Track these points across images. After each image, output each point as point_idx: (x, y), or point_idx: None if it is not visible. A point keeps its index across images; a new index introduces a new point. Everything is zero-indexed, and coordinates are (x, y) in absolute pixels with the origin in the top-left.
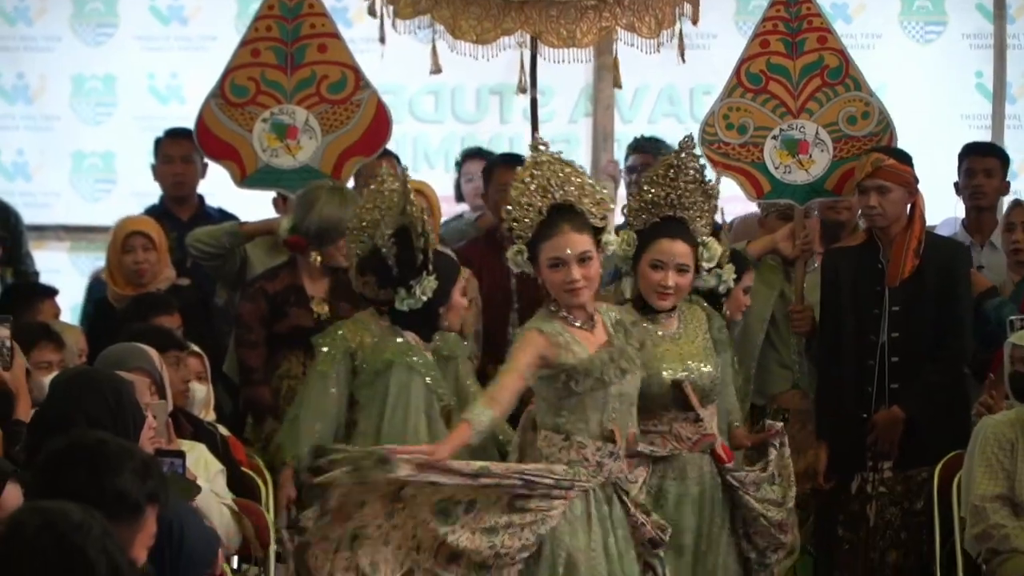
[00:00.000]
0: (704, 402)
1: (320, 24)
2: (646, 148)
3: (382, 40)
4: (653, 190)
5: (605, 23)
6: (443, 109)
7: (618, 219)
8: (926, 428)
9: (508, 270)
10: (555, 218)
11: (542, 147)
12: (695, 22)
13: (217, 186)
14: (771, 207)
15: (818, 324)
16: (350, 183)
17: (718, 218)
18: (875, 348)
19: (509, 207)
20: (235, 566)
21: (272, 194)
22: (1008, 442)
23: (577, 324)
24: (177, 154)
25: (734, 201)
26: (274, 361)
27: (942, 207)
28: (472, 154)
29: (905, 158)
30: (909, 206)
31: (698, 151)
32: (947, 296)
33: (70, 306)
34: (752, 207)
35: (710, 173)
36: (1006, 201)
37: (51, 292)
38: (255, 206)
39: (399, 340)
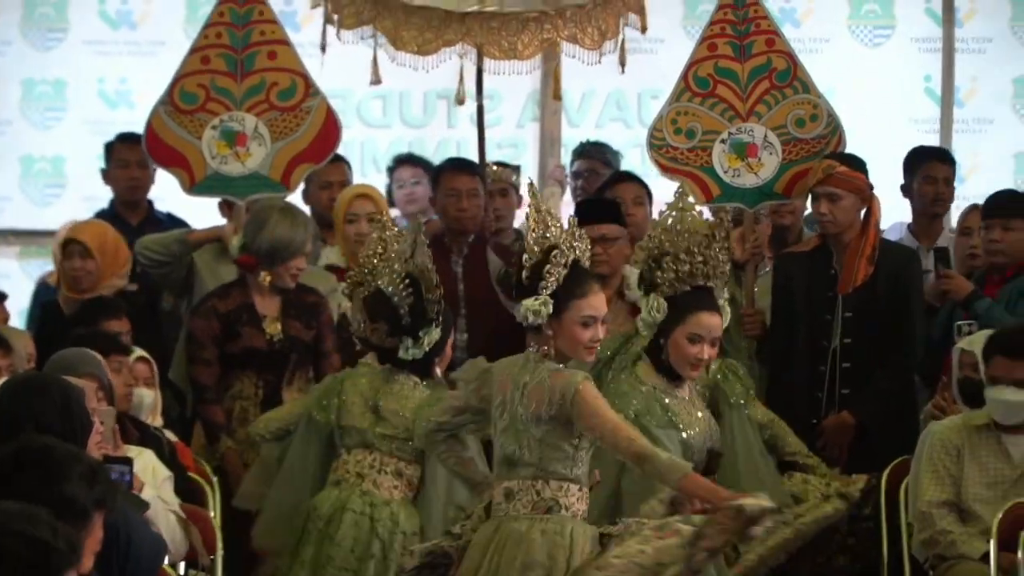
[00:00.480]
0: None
1: (270, 31)
2: (592, 153)
3: (323, 48)
4: (694, 259)
5: (547, 35)
6: (391, 114)
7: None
8: (875, 433)
9: (456, 275)
10: (581, 274)
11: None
12: (643, 31)
13: (165, 191)
14: (720, 211)
15: (769, 329)
16: (299, 189)
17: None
18: (826, 353)
19: (528, 257)
20: (182, 572)
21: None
22: (955, 448)
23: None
24: (132, 159)
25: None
26: (226, 381)
27: (889, 211)
28: (403, 160)
29: (858, 164)
30: (864, 212)
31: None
32: (899, 303)
33: (18, 311)
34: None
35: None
36: (953, 206)
37: None
38: (203, 212)
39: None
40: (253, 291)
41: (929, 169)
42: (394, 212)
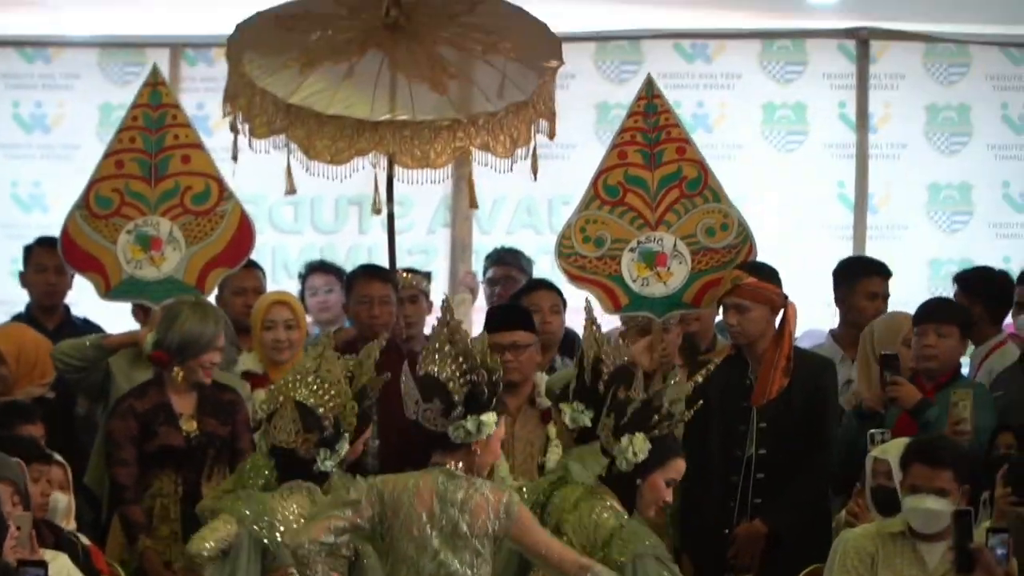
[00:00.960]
0: None
1: (184, 135)
2: (507, 260)
3: (235, 157)
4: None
5: (459, 143)
6: (302, 219)
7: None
8: (789, 542)
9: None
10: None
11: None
12: (551, 137)
13: (81, 296)
14: (629, 320)
15: (682, 437)
16: (213, 295)
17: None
18: (740, 464)
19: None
20: None
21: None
22: (868, 555)
23: None
24: (51, 263)
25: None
26: (144, 480)
27: (804, 317)
28: (315, 267)
29: (768, 275)
30: (779, 322)
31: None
32: (814, 412)
33: None
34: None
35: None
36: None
37: None
38: (117, 317)
39: None
40: (169, 389)
41: (870, 284)
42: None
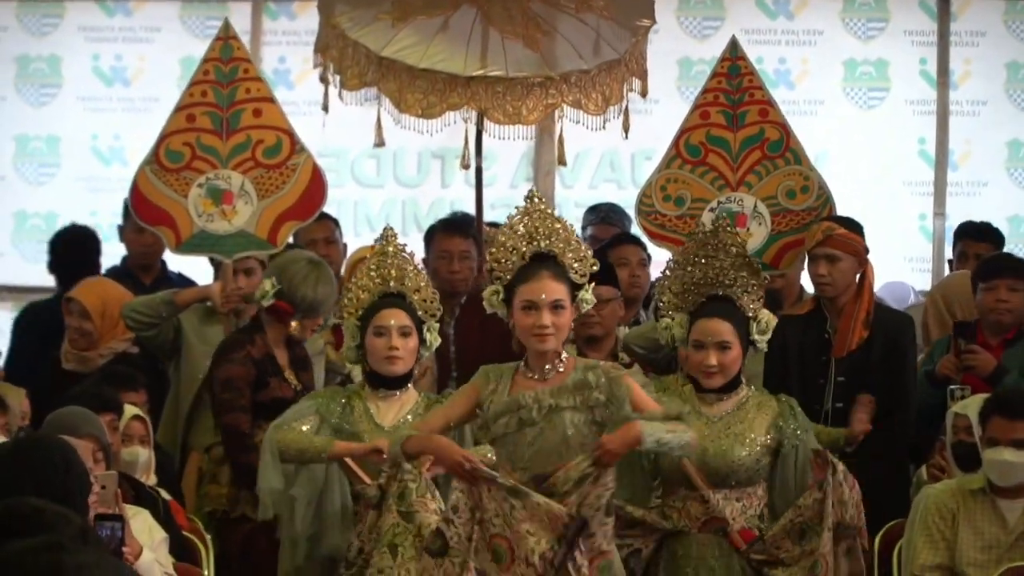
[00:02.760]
0: (721, 485)
1: (255, 88)
2: (611, 219)
3: (325, 108)
4: (693, 271)
5: (551, 100)
6: (385, 173)
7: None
8: (868, 499)
9: (448, 336)
10: (536, 265)
11: (536, 199)
12: (644, 95)
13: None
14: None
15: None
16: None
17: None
18: (818, 417)
19: (494, 249)
20: None
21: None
22: (949, 511)
23: (529, 375)
24: None
25: None
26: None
27: (884, 273)
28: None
29: (856, 227)
30: (859, 276)
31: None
32: (893, 368)
33: None
34: None
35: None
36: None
37: None
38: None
39: None
40: (270, 342)
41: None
42: None
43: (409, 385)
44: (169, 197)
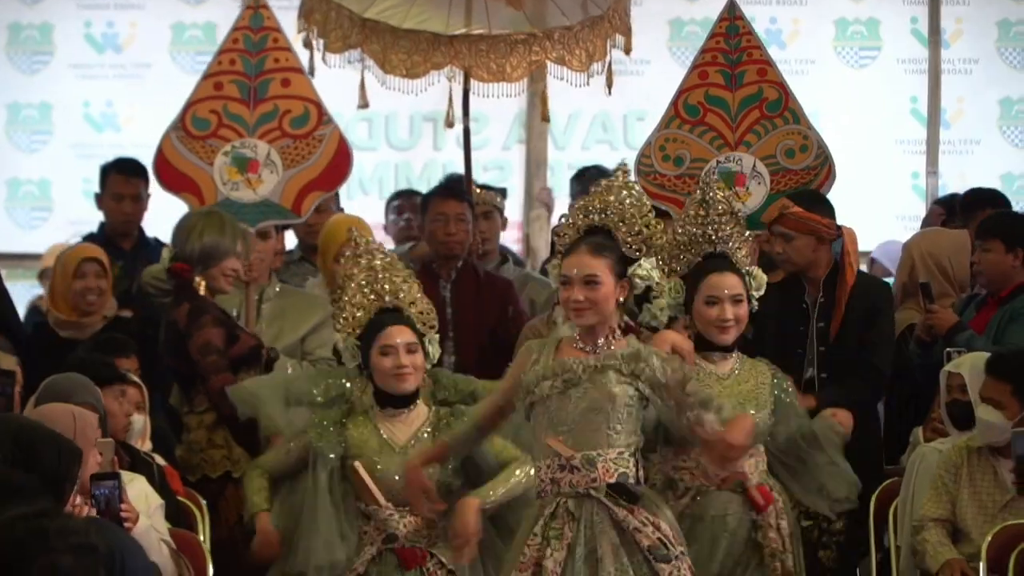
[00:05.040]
0: None
1: (284, 58)
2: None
3: (311, 72)
4: (688, 230)
5: (535, 57)
6: (377, 136)
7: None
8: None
9: (444, 299)
10: (582, 239)
11: (620, 173)
12: (628, 52)
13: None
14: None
15: None
16: None
17: None
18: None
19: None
20: None
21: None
22: (954, 467)
23: (578, 345)
24: (127, 192)
25: None
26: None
27: (878, 232)
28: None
29: (819, 204)
30: (840, 253)
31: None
32: (869, 326)
33: None
34: None
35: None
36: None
37: None
38: None
39: None
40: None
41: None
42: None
43: (419, 401)
44: (194, 164)
